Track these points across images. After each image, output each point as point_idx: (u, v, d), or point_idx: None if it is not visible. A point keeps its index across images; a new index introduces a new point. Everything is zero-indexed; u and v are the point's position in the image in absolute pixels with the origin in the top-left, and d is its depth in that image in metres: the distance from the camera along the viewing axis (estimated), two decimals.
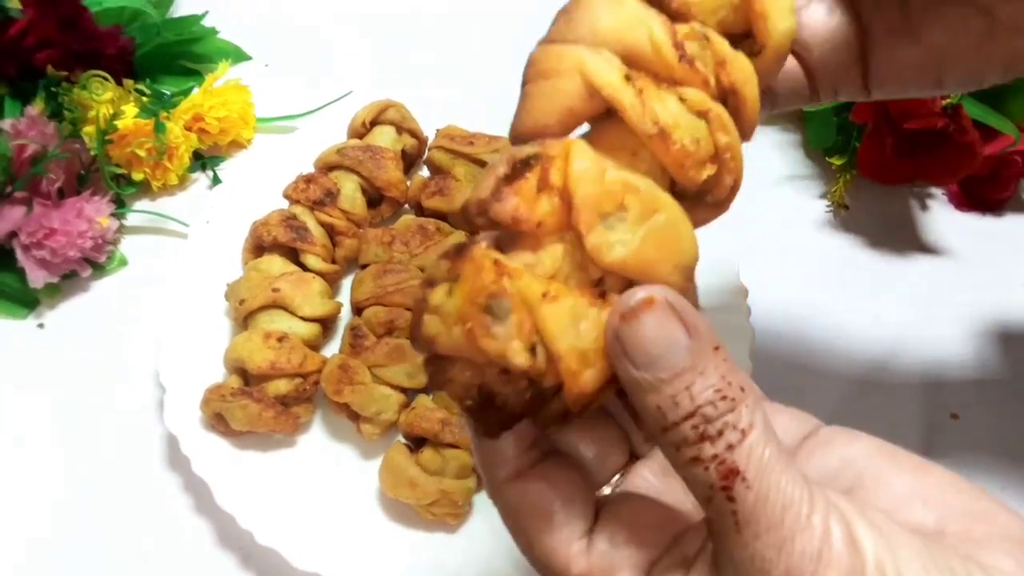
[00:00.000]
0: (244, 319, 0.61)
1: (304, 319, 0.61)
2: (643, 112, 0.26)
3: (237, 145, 0.76)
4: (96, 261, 0.67)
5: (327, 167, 0.68)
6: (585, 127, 0.29)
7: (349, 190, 0.67)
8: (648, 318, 0.25)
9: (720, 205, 0.28)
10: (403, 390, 0.59)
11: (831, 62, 0.38)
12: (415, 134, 0.71)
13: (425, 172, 0.71)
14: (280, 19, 0.85)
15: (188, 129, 0.72)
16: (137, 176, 0.70)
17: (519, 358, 0.24)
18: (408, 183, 0.69)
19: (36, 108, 0.68)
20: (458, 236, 0.65)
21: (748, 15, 0.29)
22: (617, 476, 0.31)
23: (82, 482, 0.58)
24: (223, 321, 0.63)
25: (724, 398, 0.25)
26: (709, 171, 0.27)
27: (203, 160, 0.74)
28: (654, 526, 0.28)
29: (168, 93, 0.75)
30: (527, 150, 0.26)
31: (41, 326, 0.65)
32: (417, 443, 0.57)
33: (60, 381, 0.62)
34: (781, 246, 0.71)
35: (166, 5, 0.81)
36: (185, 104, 0.72)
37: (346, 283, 0.66)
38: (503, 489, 0.28)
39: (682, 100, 0.27)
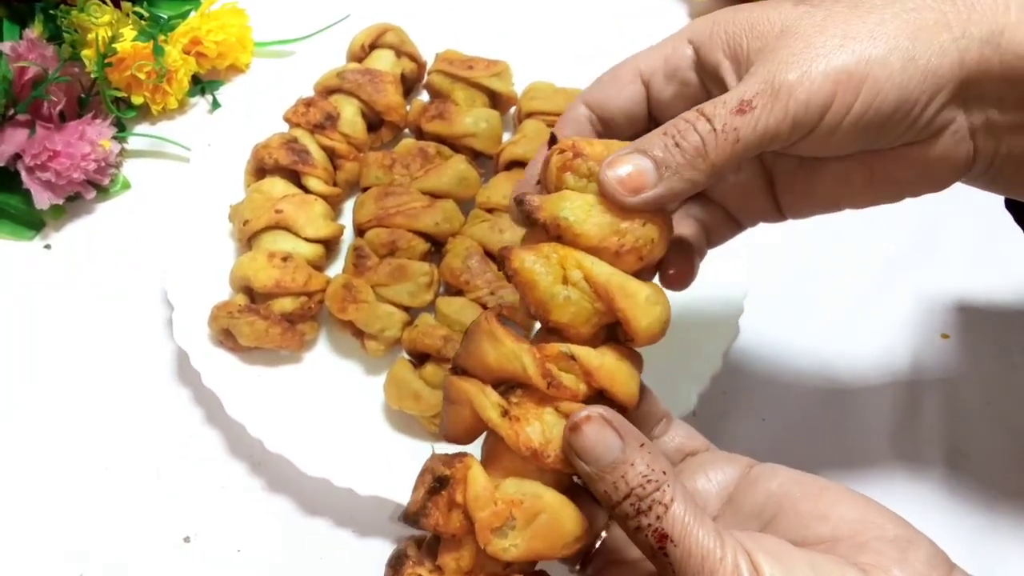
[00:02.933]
0: (248, 240, 0.62)
1: (307, 240, 0.62)
2: (518, 441, 0.35)
3: (235, 69, 0.76)
4: (100, 184, 0.67)
5: (327, 91, 0.69)
6: None
7: (349, 114, 0.67)
8: (587, 428, 0.34)
9: None
10: (406, 308, 0.60)
11: (747, 206, 0.46)
12: (414, 58, 0.71)
13: (424, 96, 0.72)
14: None
15: (186, 53, 0.72)
16: (137, 100, 0.70)
17: None
18: (408, 107, 0.70)
19: (35, 31, 0.68)
20: (458, 159, 0.65)
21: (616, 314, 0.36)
22: (604, 534, 0.40)
23: (95, 397, 0.60)
24: (227, 242, 0.64)
25: (650, 481, 0.33)
26: None
27: (202, 84, 0.74)
28: None
29: (165, 16, 0.74)
30: (442, 469, 0.36)
31: (48, 247, 0.66)
32: (420, 359, 0.59)
33: (69, 300, 0.64)
34: None
35: None
36: (183, 27, 0.72)
37: (348, 206, 0.67)
38: None
39: (557, 410, 0.36)
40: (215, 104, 0.73)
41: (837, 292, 0.66)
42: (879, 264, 0.68)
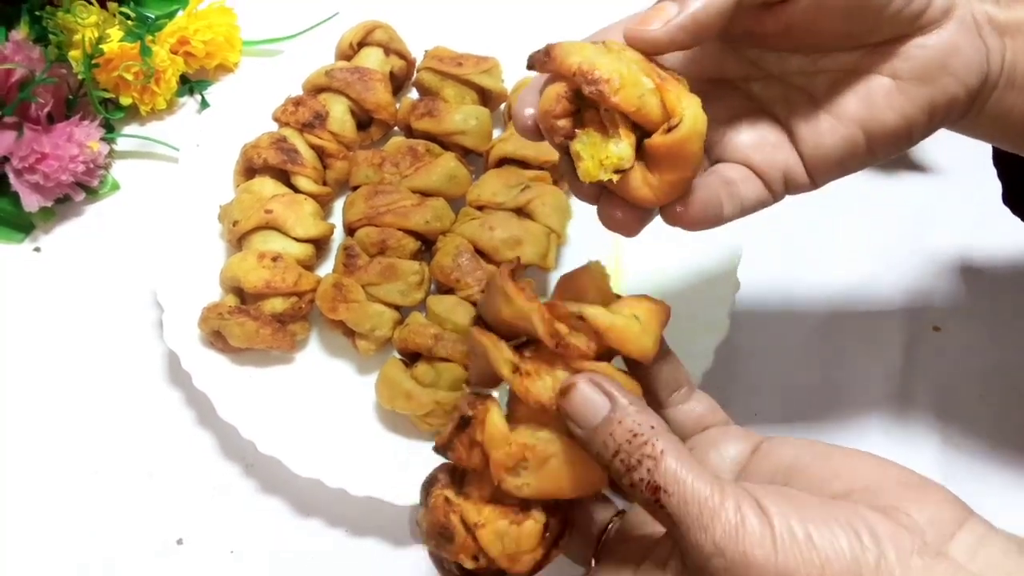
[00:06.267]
0: (238, 240, 0.62)
1: (297, 240, 0.62)
2: (527, 396, 0.36)
3: (224, 69, 0.75)
4: (89, 185, 0.67)
5: (315, 89, 0.68)
6: None
7: (338, 112, 0.67)
8: (574, 394, 0.35)
9: None
10: (396, 307, 0.60)
11: (772, 163, 0.43)
12: (403, 55, 0.71)
13: (414, 94, 0.71)
14: None
15: (174, 52, 0.72)
16: (125, 100, 0.70)
17: (468, 564, 0.37)
18: (397, 105, 0.69)
19: (21, 32, 0.68)
20: (448, 157, 0.65)
21: (663, 102, 0.37)
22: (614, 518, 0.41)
23: (85, 400, 0.59)
24: (217, 242, 0.64)
25: (636, 436, 0.33)
26: None
27: (190, 84, 0.74)
28: (637, 550, 0.38)
29: (152, 16, 0.74)
30: (466, 409, 0.38)
31: (38, 250, 0.66)
32: (412, 358, 0.58)
33: (59, 303, 0.63)
34: None
35: None
36: (170, 27, 0.72)
37: (338, 205, 0.67)
38: None
39: (569, 366, 0.37)
40: (204, 104, 0.73)
41: (829, 286, 0.66)
42: (870, 257, 0.67)
